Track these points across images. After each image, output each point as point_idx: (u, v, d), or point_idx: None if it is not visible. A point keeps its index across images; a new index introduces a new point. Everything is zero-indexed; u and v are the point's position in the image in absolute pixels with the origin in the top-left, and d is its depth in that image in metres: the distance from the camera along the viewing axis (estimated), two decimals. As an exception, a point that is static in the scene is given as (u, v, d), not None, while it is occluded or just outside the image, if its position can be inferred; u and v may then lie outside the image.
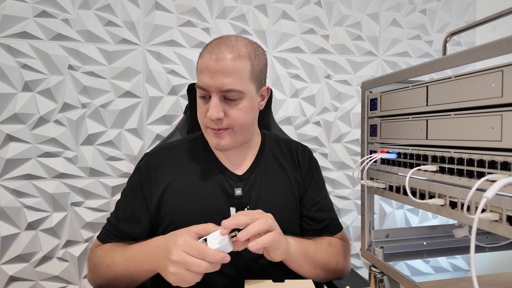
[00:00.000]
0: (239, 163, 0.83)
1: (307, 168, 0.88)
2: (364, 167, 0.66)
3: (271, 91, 1.13)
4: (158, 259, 0.63)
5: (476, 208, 0.41)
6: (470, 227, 0.61)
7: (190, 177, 0.79)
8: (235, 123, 0.74)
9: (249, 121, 0.77)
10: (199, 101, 0.76)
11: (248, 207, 0.79)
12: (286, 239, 0.70)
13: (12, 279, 1.17)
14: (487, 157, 0.43)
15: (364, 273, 1.44)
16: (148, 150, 0.96)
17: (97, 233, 0.82)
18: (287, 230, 0.81)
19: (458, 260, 1.57)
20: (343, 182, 1.44)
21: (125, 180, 1.25)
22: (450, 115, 0.50)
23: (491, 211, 0.43)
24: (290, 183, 0.85)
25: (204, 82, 0.71)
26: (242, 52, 0.72)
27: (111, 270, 0.71)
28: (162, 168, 0.81)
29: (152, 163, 0.82)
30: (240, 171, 0.82)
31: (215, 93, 0.71)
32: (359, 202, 1.43)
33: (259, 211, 0.67)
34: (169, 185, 0.79)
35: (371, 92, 0.70)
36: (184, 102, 1.28)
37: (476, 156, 0.45)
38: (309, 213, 0.85)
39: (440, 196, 0.51)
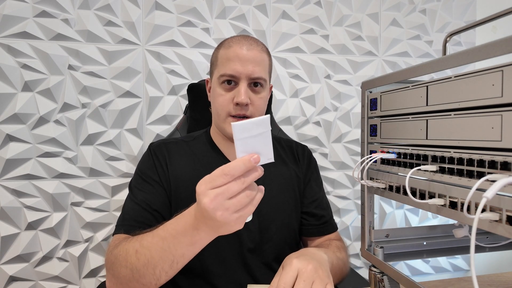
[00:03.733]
0: None
1: (307, 165, 0.91)
2: (364, 167, 0.66)
3: (271, 91, 1.13)
4: (200, 216, 0.52)
5: (476, 208, 0.41)
6: (470, 227, 0.61)
7: (196, 169, 0.80)
8: (257, 111, 0.79)
9: (264, 111, 0.84)
10: (221, 90, 0.78)
11: None
12: (323, 259, 0.65)
13: (12, 279, 1.17)
14: (487, 157, 0.43)
15: (364, 273, 1.44)
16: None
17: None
18: (287, 224, 0.82)
19: (458, 260, 1.56)
20: (343, 182, 1.44)
21: (125, 180, 1.26)
22: (450, 115, 0.50)
23: (491, 211, 0.43)
24: (292, 178, 0.87)
25: (235, 69, 0.76)
26: (264, 48, 0.81)
27: (141, 257, 0.58)
28: (169, 158, 0.81)
29: (160, 152, 0.82)
30: None
31: (245, 79, 0.76)
32: (359, 202, 1.43)
33: (313, 274, 0.58)
34: (176, 177, 0.79)
35: (371, 92, 0.70)
36: (184, 102, 1.28)
37: (476, 156, 0.45)
38: (308, 209, 0.87)
39: (440, 196, 0.51)
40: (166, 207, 0.77)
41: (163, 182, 0.78)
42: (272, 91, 1.14)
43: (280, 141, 0.94)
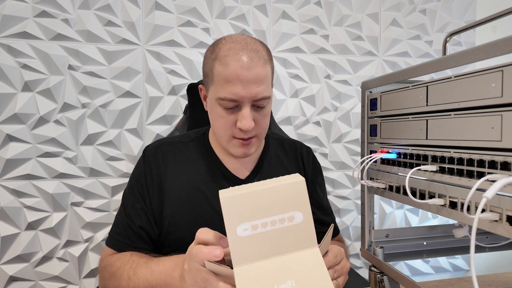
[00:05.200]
0: (242, 166, 0.81)
1: (312, 169, 0.88)
2: (364, 167, 0.66)
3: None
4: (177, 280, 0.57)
5: (476, 208, 0.41)
6: (470, 227, 0.61)
7: (191, 179, 0.78)
8: (262, 130, 0.74)
9: (268, 125, 0.77)
10: (222, 112, 0.70)
11: None
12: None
13: (12, 279, 1.17)
14: (487, 157, 0.43)
15: (364, 273, 1.44)
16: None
17: (102, 237, 0.79)
18: None
19: (458, 260, 1.56)
20: (343, 182, 1.44)
21: (125, 180, 1.26)
22: (450, 115, 0.50)
23: (491, 211, 0.43)
24: None
25: (236, 94, 0.66)
26: (265, 57, 0.70)
27: (131, 283, 0.64)
28: (164, 165, 0.78)
29: (154, 158, 0.79)
30: (242, 175, 0.80)
31: (248, 103, 0.68)
32: (359, 202, 1.43)
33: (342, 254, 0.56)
34: (170, 185, 0.77)
35: (371, 92, 0.70)
36: (184, 102, 1.28)
37: (476, 156, 0.45)
38: (315, 215, 0.85)
39: (440, 196, 0.51)
40: (151, 221, 0.77)
41: (150, 193, 0.77)
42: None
43: (283, 143, 0.89)
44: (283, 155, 0.87)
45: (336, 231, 0.89)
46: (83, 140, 1.21)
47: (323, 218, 0.86)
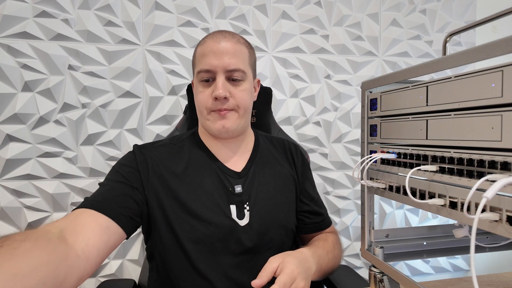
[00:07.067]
0: (236, 159, 0.83)
1: (301, 164, 0.91)
2: (364, 167, 0.66)
3: (271, 91, 1.13)
4: None
5: (476, 208, 0.41)
6: (470, 227, 0.61)
7: (188, 175, 0.78)
8: (240, 103, 0.77)
9: (250, 105, 0.81)
10: (200, 87, 0.77)
11: (248, 203, 0.79)
12: (309, 269, 0.71)
13: (12, 279, 1.17)
14: (487, 157, 0.43)
15: (364, 273, 1.44)
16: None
17: None
18: (284, 225, 0.82)
19: (458, 260, 1.56)
20: (343, 182, 1.44)
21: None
22: (450, 115, 0.49)
23: (491, 211, 0.43)
24: (287, 178, 0.86)
25: (210, 63, 0.74)
26: (241, 40, 0.80)
27: None
28: (157, 162, 0.77)
29: (146, 150, 0.78)
30: (238, 167, 0.82)
31: (221, 73, 0.74)
32: (359, 202, 1.43)
33: (295, 271, 0.66)
34: (166, 182, 0.75)
35: (371, 92, 0.70)
36: (184, 102, 1.28)
37: (476, 156, 0.45)
38: (308, 207, 0.88)
39: (440, 196, 0.51)
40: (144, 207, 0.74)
41: (143, 177, 0.74)
42: (271, 90, 1.14)
43: (272, 140, 0.92)
44: (273, 149, 0.90)
45: (328, 223, 0.91)
46: (83, 140, 1.21)
47: (317, 209, 0.89)
